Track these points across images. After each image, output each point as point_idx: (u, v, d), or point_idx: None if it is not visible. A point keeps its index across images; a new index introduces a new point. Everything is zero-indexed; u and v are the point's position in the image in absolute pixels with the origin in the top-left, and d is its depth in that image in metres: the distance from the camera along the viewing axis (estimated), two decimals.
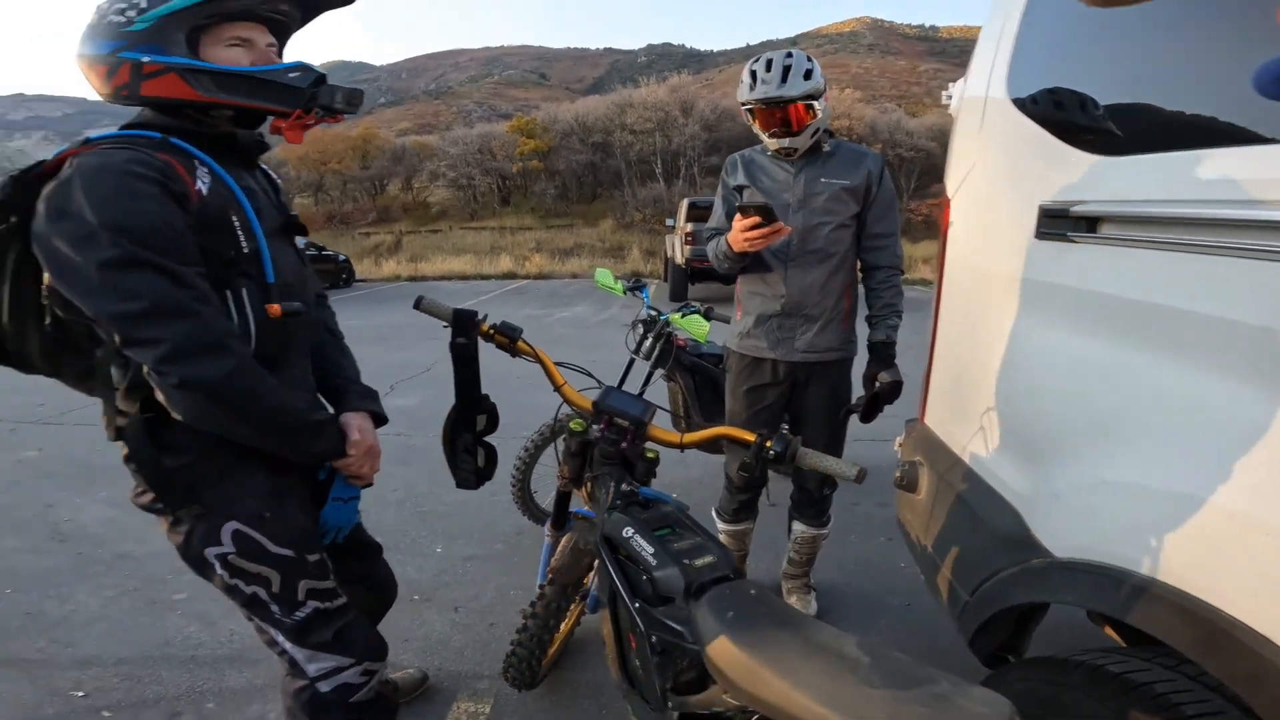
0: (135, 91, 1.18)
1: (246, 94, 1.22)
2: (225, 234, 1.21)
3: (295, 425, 1.27)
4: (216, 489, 1.26)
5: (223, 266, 1.21)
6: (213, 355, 1.12)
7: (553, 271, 18.50)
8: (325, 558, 1.40)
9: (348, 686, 1.40)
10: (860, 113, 32.03)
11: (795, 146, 2.05)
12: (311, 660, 1.37)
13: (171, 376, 1.10)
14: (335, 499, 1.46)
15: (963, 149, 1.59)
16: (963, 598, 1.41)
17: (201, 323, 1.12)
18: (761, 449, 1.32)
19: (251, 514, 1.28)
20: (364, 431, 1.43)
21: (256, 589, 1.30)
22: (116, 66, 1.17)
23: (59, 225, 1.08)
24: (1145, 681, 0.95)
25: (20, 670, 2.22)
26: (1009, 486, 1.33)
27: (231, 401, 1.16)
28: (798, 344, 2.17)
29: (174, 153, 1.18)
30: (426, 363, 7.02)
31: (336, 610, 1.40)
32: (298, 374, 1.41)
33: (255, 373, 1.19)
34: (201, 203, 1.17)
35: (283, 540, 1.30)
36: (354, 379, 1.57)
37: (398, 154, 34.37)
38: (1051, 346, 1.24)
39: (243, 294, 1.24)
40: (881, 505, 3.41)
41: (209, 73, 1.19)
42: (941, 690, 0.82)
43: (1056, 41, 1.36)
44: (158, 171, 1.12)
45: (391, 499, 3.59)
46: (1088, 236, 1.14)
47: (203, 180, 1.19)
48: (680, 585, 1.18)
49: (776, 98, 1.96)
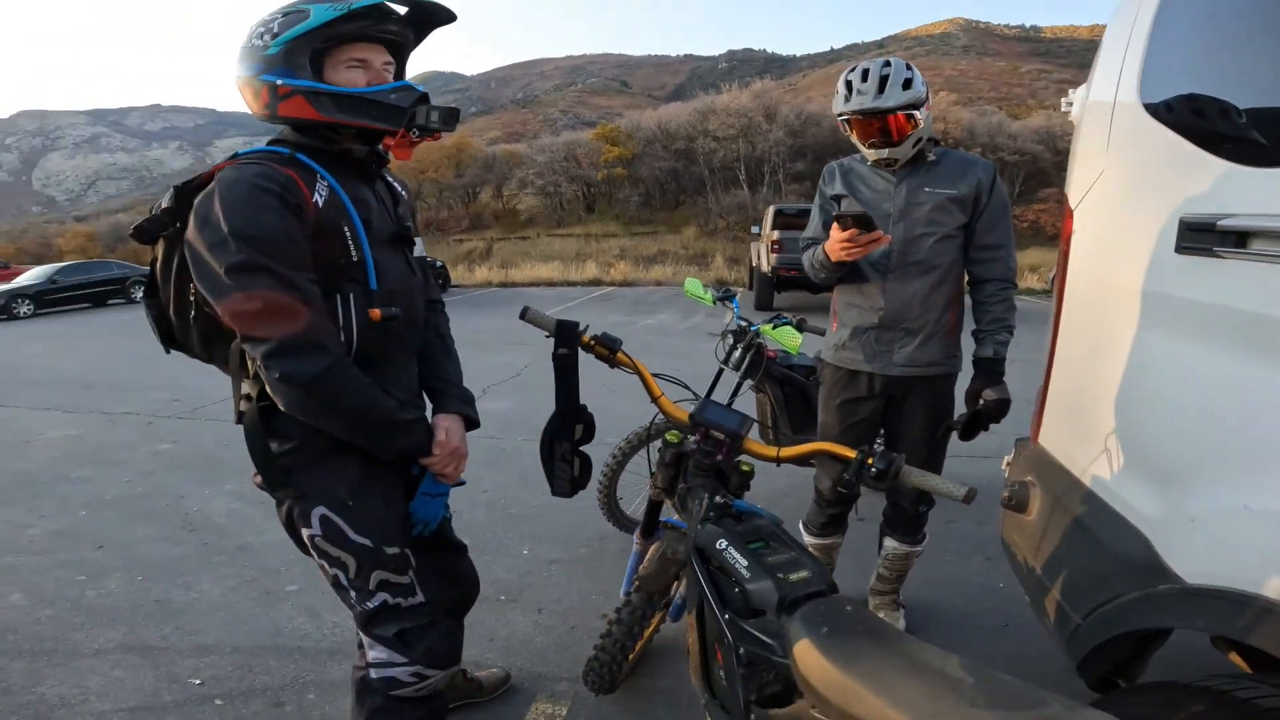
0: (274, 111, 1.30)
1: (358, 114, 1.31)
2: (337, 243, 1.31)
3: (381, 422, 1.35)
4: (310, 475, 1.37)
5: (335, 273, 1.31)
6: (310, 354, 1.23)
7: (637, 279, 18.70)
8: (407, 553, 1.45)
9: (394, 681, 1.44)
10: (956, 115, 30.94)
11: (896, 157, 2.00)
12: (372, 647, 1.45)
13: (274, 370, 1.22)
14: (424, 493, 1.54)
15: (1088, 157, 1.50)
16: (1074, 620, 1.36)
17: (304, 324, 1.22)
18: (863, 466, 1.29)
19: (337, 500, 1.37)
20: (450, 433, 1.50)
21: (337, 572, 1.40)
22: (260, 88, 1.29)
23: (201, 232, 1.21)
24: (1274, 707, 0.91)
25: (144, 656, 2.37)
26: (1135, 510, 1.26)
27: (323, 396, 1.26)
28: (896, 358, 2.10)
29: (298, 168, 1.28)
30: (518, 367, 7.23)
31: (408, 609, 1.44)
32: (399, 373, 1.49)
33: (348, 373, 1.28)
34: (318, 214, 1.27)
35: (362, 529, 1.38)
36: (455, 382, 1.63)
37: (489, 162, 35.58)
38: (1190, 366, 1.17)
39: (350, 298, 1.34)
40: (980, 524, 3.26)
41: (329, 94, 1.28)
42: (1054, 713, 0.78)
43: (1194, 42, 1.28)
44: (279, 185, 1.22)
45: (482, 500, 3.71)
46: (1236, 252, 1.06)
47: (320, 193, 1.29)
48: (774, 599, 1.18)
49: (873, 109, 1.91)
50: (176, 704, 2.13)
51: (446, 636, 1.52)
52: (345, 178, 1.35)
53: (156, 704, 2.13)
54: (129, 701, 2.14)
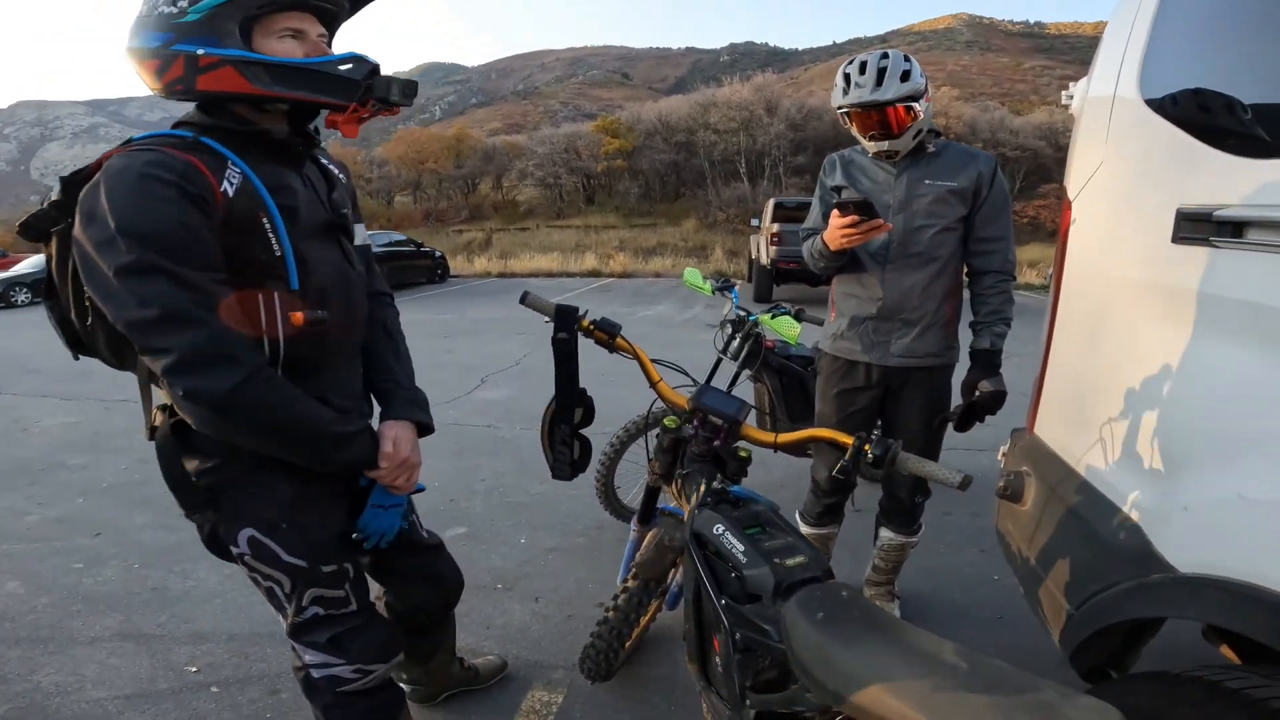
0: (191, 86, 1.14)
1: (301, 87, 1.17)
2: (254, 236, 1.16)
3: (315, 436, 1.22)
4: (236, 495, 1.26)
5: (254, 270, 1.16)
6: (217, 368, 1.09)
7: (636, 270, 18.68)
8: (345, 567, 1.38)
9: (337, 678, 1.39)
10: (958, 111, 30.89)
11: (896, 149, 2.00)
12: (305, 652, 1.39)
13: (177, 387, 1.09)
14: (375, 506, 1.42)
15: (1087, 150, 1.51)
16: (1067, 610, 1.37)
17: (208, 333, 1.08)
18: (860, 452, 1.29)
19: (268, 522, 1.27)
20: (399, 443, 1.37)
21: (271, 586, 1.33)
22: (171, 60, 1.12)
23: (87, 229, 1.07)
24: (1264, 697, 0.91)
25: (140, 644, 2.37)
26: (1129, 500, 1.27)
27: (238, 414, 1.12)
28: (893, 348, 2.11)
29: (202, 153, 1.12)
30: (516, 356, 7.23)
31: (341, 617, 1.38)
32: (340, 378, 1.37)
33: (269, 385, 1.14)
34: (227, 204, 1.12)
35: (296, 551, 1.29)
36: (404, 384, 1.50)
37: (489, 153, 35.53)
38: (1185, 355, 1.18)
39: (273, 298, 1.19)
40: (975, 515, 3.28)
41: (264, 65, 1.14)
42: (1048, 698, 0.79)
43: (1194, 38, 1.29)
44: (176, 173, 1.07)
45: (480, 488, 3.72)
46: (1232, 241, 1.06)
47: (230, 181, 1.13)
48: (770, 584, 1.18)
49: (872, 102, 1.91)
50: (173, 691, 2.13)
51: (382, 633, 1.46)
52: (263, 162, 1.19)
53: (153, 691, 2.13)
54: (125, 689, 2.13)
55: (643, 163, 31.84)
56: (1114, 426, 1.34)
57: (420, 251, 15.88)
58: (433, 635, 1.83)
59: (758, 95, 30.89)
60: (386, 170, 35.63)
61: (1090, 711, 0.76)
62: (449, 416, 5.02)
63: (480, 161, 35.19)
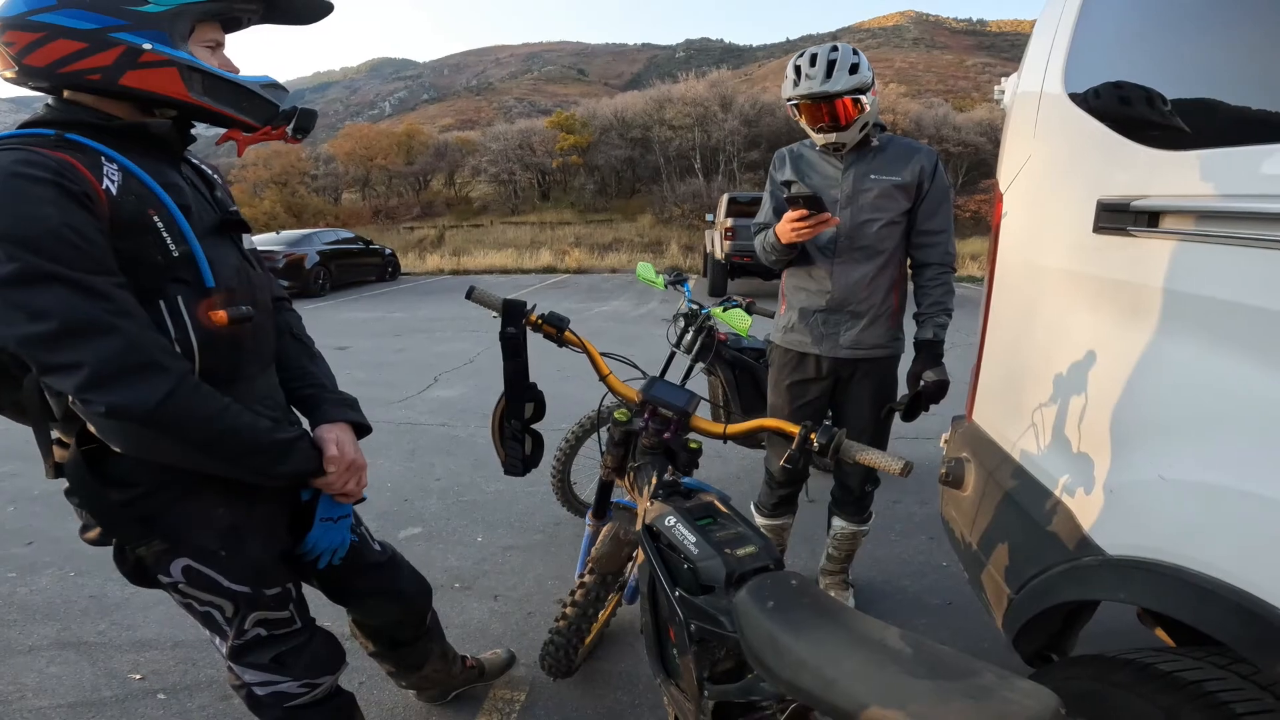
0: (112, 79, 1.04)
1: (228, 103, 1.14)
2: (148, 236, 1.06)
3: (254, 447, 1.13)
4: (169, 523, 1.16)
5: (151, 274, 1.06)
6: (142, 376, 0.99)
7: (592, 266, 18.61)
8: (289, 588, 1.33)
9: (284, 694, 1.34)
10: (905, 107, 31.52)
11: (844, 141, 2.03)
12: (245, 672, 1.33)
13: (96, 404, 0.97)
14: (323, 519, 1.35)
15: (1016, 144, 1.56)
16: (1008, 594, 1.40)
17: (124, 340, 0.98)
18: (806, 440, 1.31)
19: (205, 551, 1.19)
20: (342, 445, 1.30)
21: (209, 610, 1.26)
22: (103, 47, 1.02)
23: None
24: (1195, 680, 0.95)
25: (81, 652, 2.30)
26: (1061, 483, 1.31)
27: (170, 427, 1.02)
28: (842, 340, 2.15)
29: (72, 150, 1.02)
30: (470, 354, 7.14)
31: (285, 636, 1.33)
32: (260, 387, 1.29)
33: (199, 392, 1.06)
34: (112, 203, 1.01)
35: (238, 578, 1.23)
36: (329, 386, 1.43)
37: (440, 150, 34.95)
38: (1106, 341, 1.22)
39: (178, 302, 1.09)
40: (923, 503, 3.37)
41: (203, 74, 1.10)
42: (987, 682, 0.81)
43: (1115, 35, 1.34)
44: (51, 171, 0.96)
45: (435, 488, 3.67)
46: (1149, 231, 1.11)
47: (110, 178, 1.03)
48: (721, 574, 1.19)
49: (821, 93, 1.94)
50: (117, 699, 2.08)
51: (326, 645, 1.42)
52: (140, 159, 1.09)
53: (96, 699, 2.08)
54: (67, 697, 2.08)
55: (598, 159, 31.73)
56: (1045, 412, 1.38)
57: (369, 249, 15.55)
58: (417, 645, 1.78)
59: (712, 91, 31.04)
60: (334, 167, 34.76)
61: (1027, 695, 0.78)
62: (401, 416, 4.94)
63: (432, 158, 34.59)
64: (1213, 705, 0.90)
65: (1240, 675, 0.94)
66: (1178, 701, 0.94)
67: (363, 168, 34.00)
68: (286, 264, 12.47)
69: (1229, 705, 0.89)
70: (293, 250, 12.84)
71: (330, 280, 13.46)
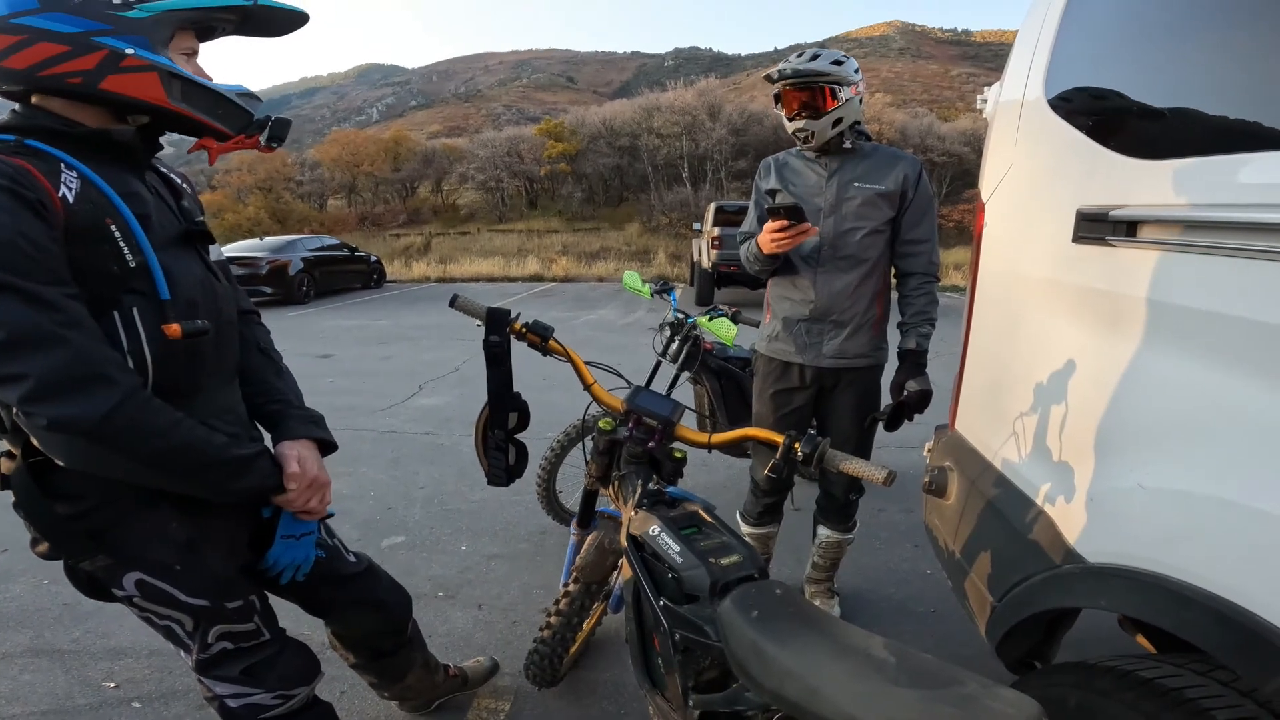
0: (92, 83, 1.04)
1: (205, 110, 1.15)
2: (104, 246, 1.04)
3: (208, 463, 1.11)
4: (118, 538, 1.14)
5: (106, 284, 1.05)
6: (88, 389, 0.97)
7: (579, 274, 18.61)
8: (252, 600, 1.30)
9: (258, 706, 1.32)
10: (891, 117, 31.82)
11: (813, 130, 2.02)
12: (216, 684, 1.30)
13: (39, 417, 0.95)
14: (284, 537, 1.33)
15: (998, 153, 1.57)
16: (991, 602, 1.40)
17: (71, 352, 0.96)
18: (790, 450, 1.32)
19: (159, 566, 1.17)
20: (305, 462, 1.29)
21: (168, 624, 1.24)
22: (86, 51, 1.02)
23: None
24: (1175, 687, 0.95)
25: (54, 660, 2.27)
26: (1042, 492, 1.32)
27: (117, 442, 1.00)
28: (826, 349, 2.16)
29: (31, 156, 1.01)
30: (455, 363, 7.11)
31: (253, 648, 1.31)
32: (220, 400, 1.27)
33: (149, 406, 1.04)
34: (68, 211, 1.00)
35: (197, 591, 1.21)
36: (294, 402, 1.40)
37: (428, 156, 34.88)
38: (1087, 351, 1.23)
39: (133, 314, 1.07)
40: (907, 512, 3.38)
41: (183, 81, 1.11)
42: (970, 691, 0.81)
43: (1095, 45, 1.35)
44: (6, 178, 0.95)
45: (419, 496, 3.64)
46: (1127, 240, 1.12)
47: (69, 186, 1.01)
48: (705, 583, 1.19)
49: (804, 70, 1.97)
50: (91, 707, 2.05)
51: (299, 656, 1.40)
52: (102, 166, 1.08)
53: (70, 707, 2.05)
54: (40, 705, 2.05)
55: (586, 167, 31.77)
56: (1026, 421, 1.39)
57: (354, 256, 15.47)
58: (398, 655, 1.76)
59: (701, 100, 31.20)
60: (319, 173, 34.62)
61: (1010, 704, 0.78)
62: (385, 424, 4.91)
63: (419, 164, 34.49)
64: (1194, 713, 0.90)
65: (1220, 682, 0.94)
66: (1159, 709, 0.94)
67: (349, 174, 33.88)
68: (270, 270, 12.37)
69: (1210, 712, 0.89)
70: (276, 256, 12.74)
71: (314, 287, 13.36)
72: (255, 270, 12.28)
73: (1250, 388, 0.92)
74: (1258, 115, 0.97)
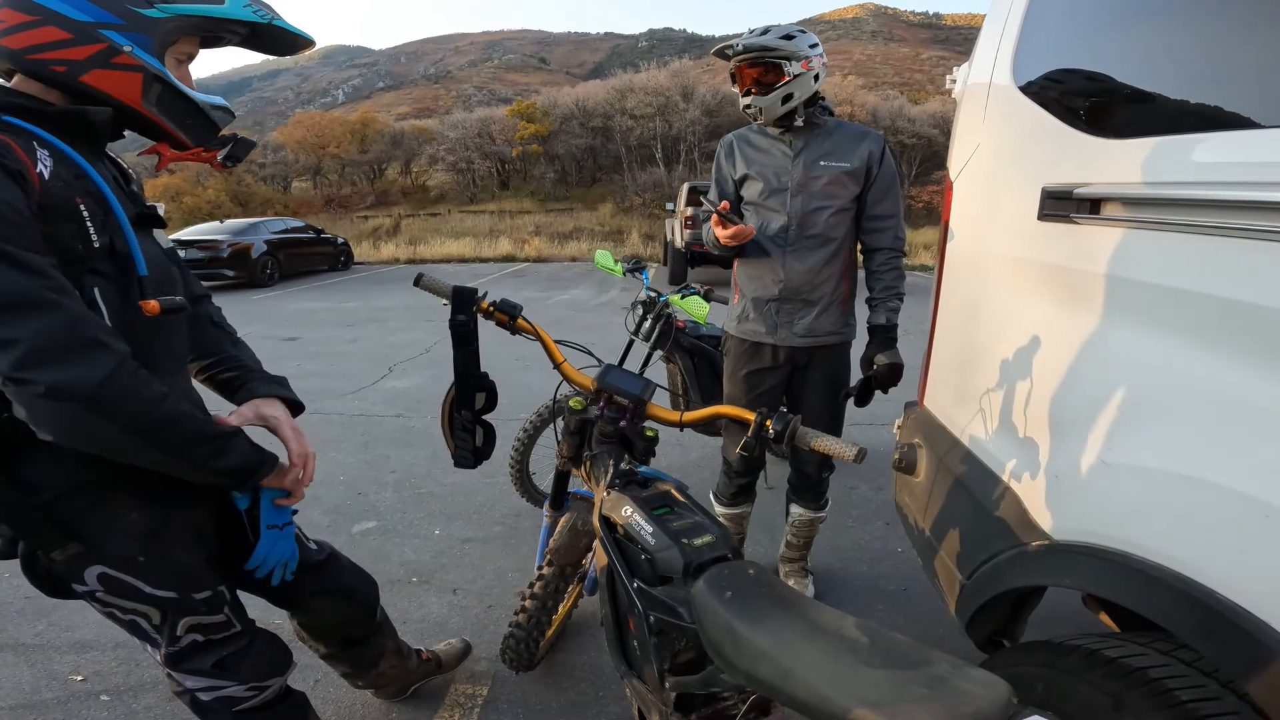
0: (76, 73, 1.03)
1: (174, 118, 1.13)
2: (72, 225, 1.01)
3: (193, 439, 1.08)
4: (81, 528, 1.12)
5: (70, 263, 1.01)
6: (86, 354, 0.94)
7: (552, 255, 18.46)
8: (221, 591, 1.28)
9: (231, 699, 1.31)
10: (862, 99, 31.86)
11: (760, 107, 2.01)
12: (186, 678, 1.29)
13: (35, 384, 0.90)
14: (270, 527, 1.29)
15: (966, 133, 1.58)
16: (960, 580, 1.41)
17: (67, 317, 0.93)
18: (761, 428, 1.31)
19: (122, 558, 1.14)
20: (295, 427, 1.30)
21: (134, 618, 1.21)
22: (86, 40, 1.02)
23: None
24: (1140, 666, 0.96)
25: (19, 654, 2.22)
26: (1007, 469, 1.33)
27: (113, 409, 0.96)
28: (797, 328, 2.16)
29: (7, 131, 0.99)
30: (425, 344, 7.03)
31: (224, 640, 1.29)
32: (183, 387, 1.26)
33: (139, 375, 1.00)
34: (44, 187, 0.98)
35: (161, 583, 1.18)
36: (254, 367, 1.38)
37: (396, 138, 34.17)
38: (1051, 328, 1.24)
39: (95, 295, 1.04)
40: (878, 489, 3.42)
41: (164, 86, 1.10)
42: (940, 671, 0.82)
43: (1062, 27, 1.36)
44: None
45: (390, 480, 3.60)
46: (1090, 218, 1.13)
47: (44, 163, 0.99)
48: (679, 564, 1.18)
49: (754, 44, 1.96)
50: (59, 701, 2.01)
51: (271, 647, 1.39)
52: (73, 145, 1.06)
53: (37, 701, 2.01)
54: (7, 700, 2.01)
55: (559, 147, 31.38)
56: (992, 397, 1.40)
57: (320, 238, 15.16)
58: (369, 642, 1.74)
59: (674, 81, 30.93)
60: (283, 155, 33.71)
61: (980, 684, 0.78)
62: (354, 408, 4.85)
63: (387, 146, 33.76)
64: (1157, 692, 0.91)
65: (1184, 662, 0.95)
66: (1123, 688, 0.95)
67: (314, 156, 33.05)
68: (232, 253, 12.09)
69: (1173, 692, 0.90)
70: (238, 239, 12.44)
71: (279, 270, 13.10)
72: (216, 253, 11.99)
73: (1211, 362, 0.93)
74: (1215, 97, 0.98)
